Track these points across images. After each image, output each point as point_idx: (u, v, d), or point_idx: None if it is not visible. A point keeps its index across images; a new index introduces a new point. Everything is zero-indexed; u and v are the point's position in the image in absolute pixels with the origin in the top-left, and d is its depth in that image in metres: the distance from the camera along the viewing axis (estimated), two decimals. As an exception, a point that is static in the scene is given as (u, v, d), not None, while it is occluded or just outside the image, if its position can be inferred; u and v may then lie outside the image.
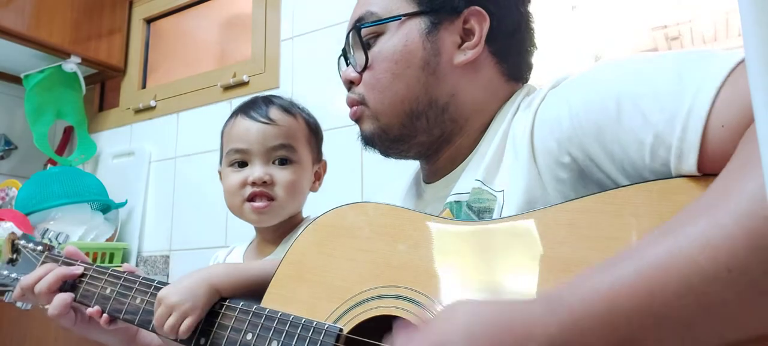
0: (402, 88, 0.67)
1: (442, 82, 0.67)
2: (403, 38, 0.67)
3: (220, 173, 0.95)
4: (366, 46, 0.69)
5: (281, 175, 0.87)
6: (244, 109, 0.90)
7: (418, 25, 0.68)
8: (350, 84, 0.72)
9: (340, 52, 0.75)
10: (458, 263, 0.54)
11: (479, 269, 0.52)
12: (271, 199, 0.86)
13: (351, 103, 0.72)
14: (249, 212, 0.87)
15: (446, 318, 0.43)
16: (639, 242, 0.41)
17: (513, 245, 0.51)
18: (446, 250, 0.55)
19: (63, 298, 0.78)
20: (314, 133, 0.94)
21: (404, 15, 0.68)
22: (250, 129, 0.87)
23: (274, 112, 0.88)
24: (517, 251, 0.51)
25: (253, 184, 0.85)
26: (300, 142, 0.89)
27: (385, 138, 0.70)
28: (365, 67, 0.69)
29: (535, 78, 0.76)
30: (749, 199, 0.35)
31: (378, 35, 0.69)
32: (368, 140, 0.72)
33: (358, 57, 0.71)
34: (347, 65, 0.74)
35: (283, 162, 0.87)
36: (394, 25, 0.68)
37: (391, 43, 0.68)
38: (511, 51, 0.71)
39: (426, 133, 0.69)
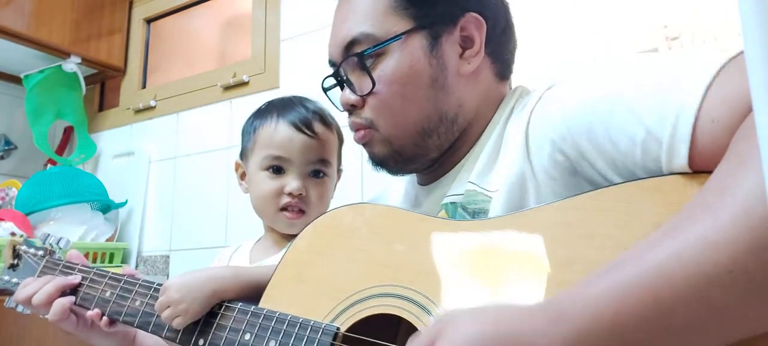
0: (413, 109, 0.66)
1: (450, 95, 0.67)
2: (408, 58, 0.65)
3: (237, 164, 0.94)
4: (367, 69, 0.66)
5: (315, 189, 0.87)
6: (285, 114, 0.87)
7: (420, 42, 0.66)
8: (352, 108, 0.70)
9: (331, 76, 0.72)
10: (456, 262, 0.54)
11: (477, 268, 0.52)
12: (302, 211, 0.86)
13: (357, 128, 0.70)
14: (283, 221, 0.87)
15: (447, 340, 0.41)
16: (639, 244, 0.40)
17: (510, 243, 0.51)
18: (444, 249, 0.55)
19: (62, 303, 0.78)
20: (341, 143, 0.94)
21: (404, 33, 0.65)
22: (293, 139, 0.85)
23: (318, 126, 0.87)
24: (513, 249, 0.51)
25: (290, 195, 0.85)
26: (333, 156, 0.90)
27: (399, 159, 0.69)
28: (371, 91, 0.67)
29: (532, 78, 0.75)
30: (747, 197, 0.35)
31: (377, 56, 0.66)
32: (380, 163, 0.71)
33: (361, 81, 0.68)
34: (339, 86, 0.72)
35: (317, 174, 0.87)
36: (395, 44, 0.66)
37: (397, 64, 0.65)
38: (502, 49, 0.71)
39: (437, 148, 0.69)
